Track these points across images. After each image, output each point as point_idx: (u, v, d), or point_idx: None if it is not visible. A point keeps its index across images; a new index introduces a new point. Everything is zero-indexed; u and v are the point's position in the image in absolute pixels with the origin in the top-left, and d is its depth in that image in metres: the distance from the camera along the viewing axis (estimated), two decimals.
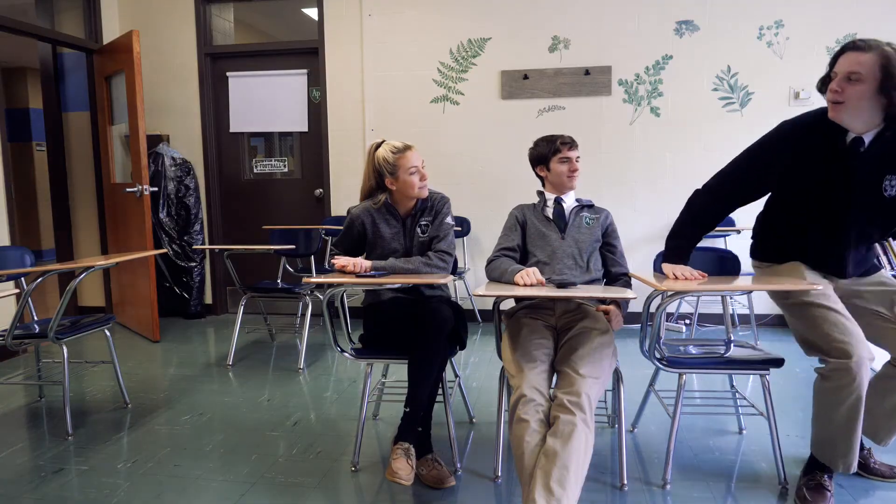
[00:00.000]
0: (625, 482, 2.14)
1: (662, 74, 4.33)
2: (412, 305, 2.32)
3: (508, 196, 4.46)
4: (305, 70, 4.83)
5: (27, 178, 8.12)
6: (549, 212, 2.40)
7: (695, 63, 4.29)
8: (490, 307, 2.33)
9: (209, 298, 5.08)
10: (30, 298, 2.86)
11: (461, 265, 4.53)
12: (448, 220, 2.42)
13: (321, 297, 2.33)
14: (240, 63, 4.94)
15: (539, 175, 2.45)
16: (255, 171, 5.06)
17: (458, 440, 2.55)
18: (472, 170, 4.60)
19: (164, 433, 2.68)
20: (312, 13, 4.92)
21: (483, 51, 4.50)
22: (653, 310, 2.11)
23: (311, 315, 4.01)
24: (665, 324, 4.33)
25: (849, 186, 1.91)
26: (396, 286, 2.34)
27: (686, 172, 4.37)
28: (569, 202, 2.42)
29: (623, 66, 4.37)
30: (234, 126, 4.99)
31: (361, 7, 4.60)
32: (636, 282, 2.25)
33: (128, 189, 4.23)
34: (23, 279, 3.04)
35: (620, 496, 2.09)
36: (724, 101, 4.30)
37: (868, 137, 1.87)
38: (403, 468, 1.95)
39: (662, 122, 4.37)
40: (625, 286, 2.35)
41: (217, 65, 4.96)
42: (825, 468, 2.01)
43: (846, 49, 1.83)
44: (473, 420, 2.77)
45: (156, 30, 4.89)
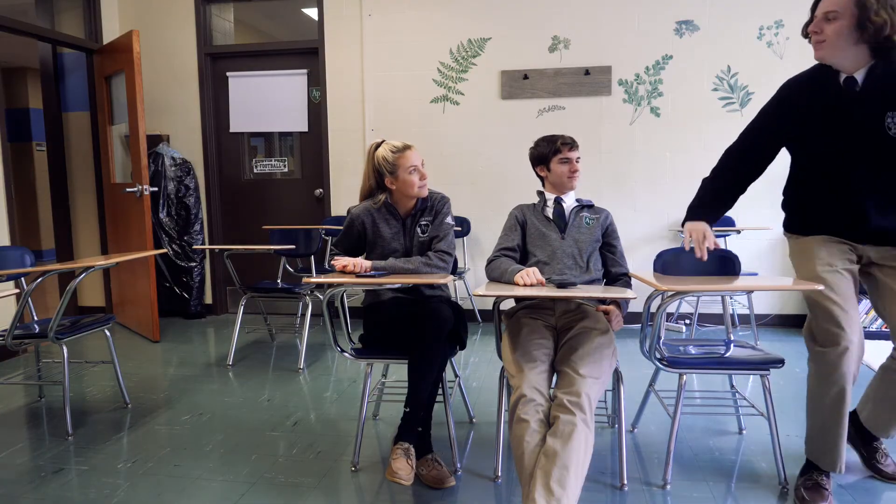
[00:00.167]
0: (625, 482, 2.14)
1: (662, 74, 4.33)
2: (412, 305, 2.32)
3: (508, 196, 4.46)
4: (305, 70, 4.83)
5: (27, 178, 8.12)
6: (550, 212, 2.40)
7: (695, 63, 4.29)
8: (490, 307, 2.33)
9: (209, 298, 5.08)
10: (30, 298, 2.86)
11: (461, 265, 4.53)
12: (448, 220, 2.42)
13: (321, 297, 2.33)
14: (240, 63, 4.94)
15: (539, 175, 2.45)
16: (255, 171, 5.06)
17: (458, 440, 2.55)
18: (472, 170, 4.60)
19: (164, 433, 2.68)
20: (312, 13, 4.92)
21: (483, 51, 4.50)
22: (653, 310, 2.11)
23: (311, 315, 4.01)
24: (665, 324, 4.33)
25: (850, 130, 1.88)
26: (396, 286, 2.34)
27: (686, 172, 4.37)
28: (569, 202, 2.42)
29: (623, 66, 4.36)
30: (234, 126, 5.00)
31: (361, 7, 4.60)
32: (636, 282, 2.25)
33: (128, 189, 4.23)
34: (23, 279, 3.04)
35: (620, 496, 2.09)
36: (724, 101, 4.30)
37: (860, 76, 1.86)
38: (403, 468, 1.96)
39: (662, 122, 4.37)
40: (625, 286, 2.35)
41: (217, 65, 4.96)
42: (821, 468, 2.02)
43: None
44: (473, 420, 2.77)
45: (156, 30, 4.90)
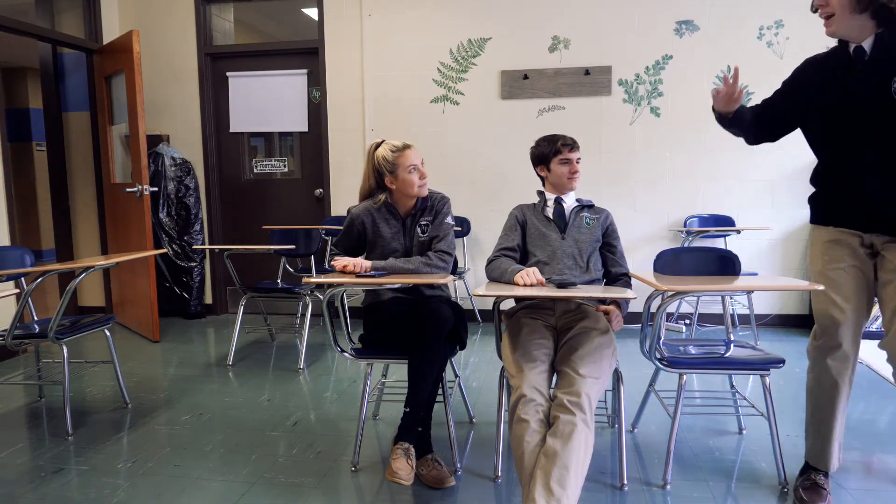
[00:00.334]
0: (625, 482, 2.14)
1: (662, 74, 4.33)
2: (412, 305, 2.32)
3: (508, 196, 4.46)
4: (305, 70, 4.83)
5: (27, 178, 8.12)
6: (550, 212, 2.40)
7: (695, 63, 4.29)
8: (490, 307, 2.33)
9: (209, 298, 5.08)
10: (30, 298, 2.86)
11: (461, 265, 4.53)
12: (448, 220, 2.42)
13: (321, 297, 2.33)
14: (240, 63, 4.94)
15: (539, 175, 2.45)
16: (255, 171, 5.06)
17: (458, 440, 2.55)
18: (472, 170, 4.60)
19: (164, 433, 2.68)
20: (312, 13, 4.92)
21: (483, 51, 4.50)
22: (653, 310, 2.11)
23: (311, 315, 4.01)
24: (665, 324, 4.33)
25: (860, 98, 1.85)
26: (396, 286, 2.34)
27: (686, 172, 4.37)
28: (569, 202, 2.42)
29: (623, 66, 4.36)
30: (234, 126, 4.99)
31: (361, 7, 4.60)
32: (636, 282, 2.25)
33: (128, 189, 4.23)
34: (23, 279, 3.04)
35: (620, 496, 2.09)
36: None
37: (868, 44, 1.84)
38: (403, 468, 1.96)
39: (662, 122, 4.37)
40: (625, 286, 2.35)
41: (217, 65, 4.96)
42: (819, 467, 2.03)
43: None
44: (473, 420, 2.77)
45: (156, 30, 4.90)
